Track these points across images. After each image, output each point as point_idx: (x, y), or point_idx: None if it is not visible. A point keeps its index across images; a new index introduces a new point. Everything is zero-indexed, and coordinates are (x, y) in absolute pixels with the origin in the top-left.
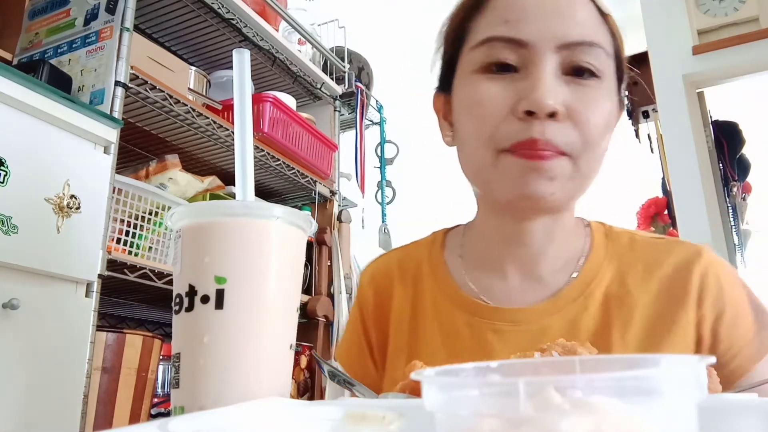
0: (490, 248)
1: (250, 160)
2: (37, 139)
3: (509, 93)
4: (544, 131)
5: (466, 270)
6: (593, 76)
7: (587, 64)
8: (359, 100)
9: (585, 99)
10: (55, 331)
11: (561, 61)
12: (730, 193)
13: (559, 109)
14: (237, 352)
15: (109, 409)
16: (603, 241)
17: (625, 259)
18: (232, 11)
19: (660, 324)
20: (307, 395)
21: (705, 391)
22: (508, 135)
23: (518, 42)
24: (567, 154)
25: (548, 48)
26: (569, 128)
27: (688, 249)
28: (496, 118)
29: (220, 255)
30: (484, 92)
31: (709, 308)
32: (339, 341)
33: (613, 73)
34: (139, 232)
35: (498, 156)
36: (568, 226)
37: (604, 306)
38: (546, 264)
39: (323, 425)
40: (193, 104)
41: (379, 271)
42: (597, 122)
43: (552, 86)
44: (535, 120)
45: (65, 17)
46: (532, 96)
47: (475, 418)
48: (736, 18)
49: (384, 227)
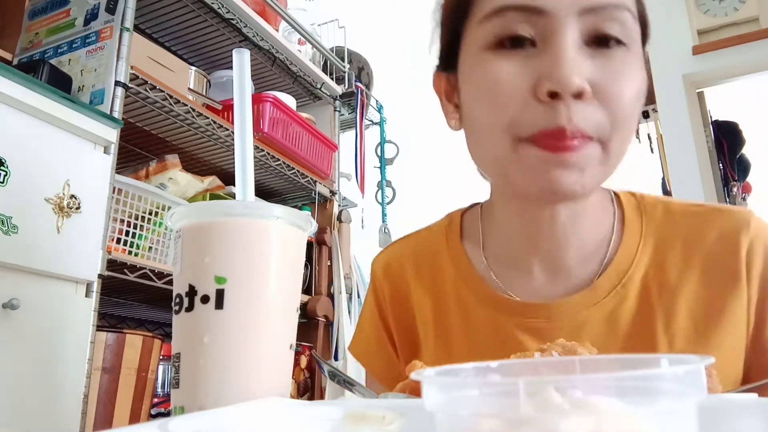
0: (512, 242)
1: (250, 160)
2: (37, 139)
3: (528, 71)
4: (571, 117)
5: (488, 262)
6: (620, 44)
7: (614, 31)
8: (359, 100)
9: (613, 72)
10: (55, 331)
11: (584, 29)
12: (730, 193)
13: (586, 87)
14: (237, 352)
15: (109, 409)
16: (635, 216)
17: (661, 235)
18: (232, 11)
19: (709, 310)
20: (307, 395)
21: (705, 391)
22: (530, 122)
23: (535, 10)
24: (596, 138)
25: (569, 14)
26: (597, 108)
27: (733, 217)
28: (515, 103)
29: (220, 255)
30: (498, 72)
31: (755, 286)
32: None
33: (640, 38)
34: (139, 232)
35: (518, 145)
36: (593, 204)
37: (643, 294)
38: (573, 250)
39: (323, 425)
40: (193, 104)
41: (393, 262)
42: (628, 98)
43: (577, 60)
44: (560, 102)
45: (65, 17)
46: (556, 74)
47: (475, 418)
48: (736, 18)
49: (384, 227)
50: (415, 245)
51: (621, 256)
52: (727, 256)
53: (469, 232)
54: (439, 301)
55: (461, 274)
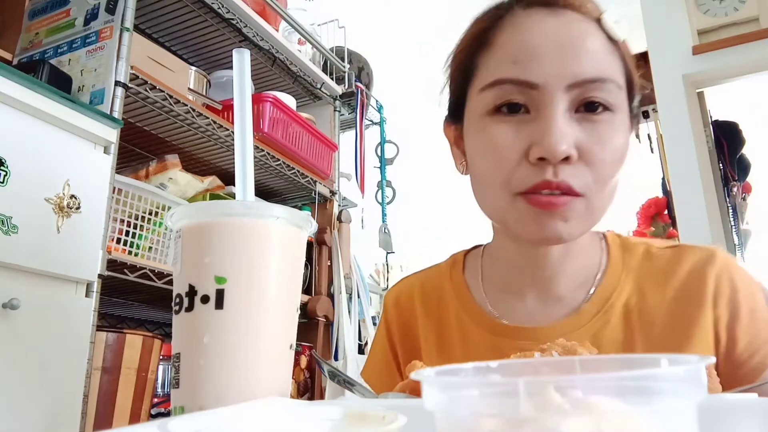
0: (508, 272)
1: (250, 160)
2: (37, 139)
3: (522, 136)
4: (557, 174)
5: (486, 293)
6: (606, 110)
7: (600, 99)
8: (359, 100)
9: (598, 136)
10: (55, 331)
11: (572, 99)
12: (730, 193)
13: (572, 153)
14: (237, 352)
15: (109, 409)
16: (619, 253)
17: (642, 270)
18: (232, 11)
19: (680, 330)
20: (307, 395)
21: (705, 391)
22: (523, 179)
23: (528, 84)
24: (581, 194)
25: (559, 88)
26: (583, 169)
27: (701, 252)
28: (511, 163)
29: (220, 255)
30: (497, 137)
31: (724, 308)
32: (366, 363)
33: (626, 102)
34: (139, 232)
35: (514, 199)
36: (583, 243)
37: (625, 319)
38: (563, 282)
39: (323, 425)
40: (193, 104)
41: (403, 293)
42: (611, 159)
43: (563, 130)
44: (549, 164)
45: (65, 17)
46: (544, 142)
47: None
48: (736, 18)
49: (384, 227)
50: (422, 281)
51: (605, 285)
52: (696, 284)
53: (471, 268)
54: (443, 328)
55: (462, 304)
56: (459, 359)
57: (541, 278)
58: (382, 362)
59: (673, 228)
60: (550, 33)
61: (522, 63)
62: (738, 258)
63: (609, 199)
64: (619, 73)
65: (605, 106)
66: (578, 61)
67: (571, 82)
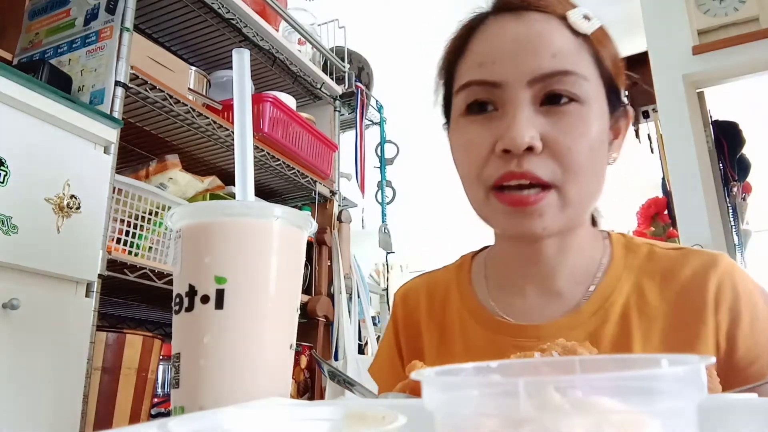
0: (508, 269)
1: (250, 160)
2: (37, 139)
3: (489, 133)
4: (521, 164)
5: (489, 290)
6: (573, 101)
7: (562, 91)
8: (359, 100)
9: (564, 126)
10: (55, 331)
11: (536, 94)
12: (730, 193)
13: (535, 143)
14: (237, 352)
15: (109, 409)
16: (622, 252)
17: (643, 270)
18: (232, 11)
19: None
20: (307, 395)
21: (705, 391)
22: (491, 173)
23: (491, 83)
24: (551, 185)
25: (520, 85)
26: (549, 160)
27: (704, 257)
28: (481, 159)
29: (220, 255)
30: (468, 134)
31: (725, 315)
32: (374, 359)
33: (601, 93)
34: (139, 232)
35: (488, 195)
36: (582, 239)
37: (623, 318)
38: (562, 277)
39: (323, 425)
40: (193, 104)
41: (410, 292)
42: (579, 148)
43: (526, 123)
44: (513, 157)
45: (65, 17)
46: (507, 135)
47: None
48: (736, 18)
49: (384, 227)
50: (429, 282)
51: (605, 284)
52: (697, 290)
53: (476, 268)
54: (446, 328)
55: (465, 303)
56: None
57: (539, 274)
58: (388, 359)
59: (673, 228)
60: (511, 35)
61: (485, 65)
62: (738, 258)
63: (588, 191)
64: (586, 65)
65: (571, 98)
66: (537, 57)
67: (531, 77)
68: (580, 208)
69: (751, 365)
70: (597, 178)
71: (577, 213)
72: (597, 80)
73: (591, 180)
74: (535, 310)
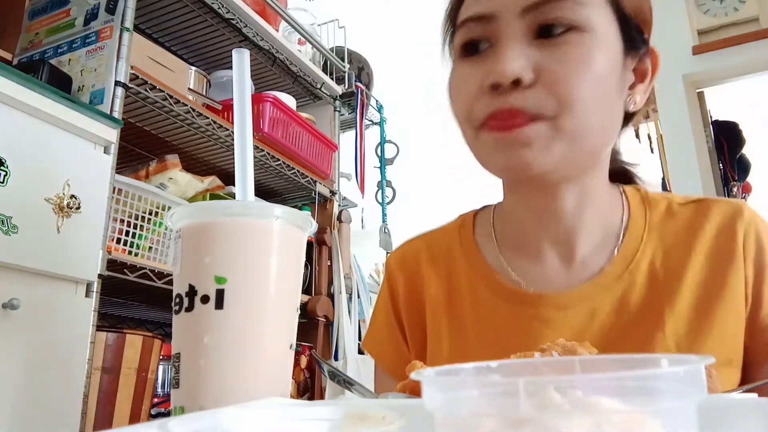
0: (522, 227)
1: (250, 160)
2: (37, 139)
3: (480, 71)
4: (509, 100)
5: (501, 251)
6: (572, 30)
7: (559, 18)
8: (359, 100)
9: (559, 55)
10: (55, 331)
11: (529, 25)
12: (730, 193)
13: (523, 75)
14: (237, 352)
15: (109, 409)
16: (640, 209)
17: (666, 227)
18: (232, 11)
19: (711, 289)
20: (307, 395)
21: (705, 391)
22: (480, 111)
23: (485, 17)
24: (541, 117)
25: (512, 15)
26: (541, 91)
27: (728, 207)
28: (470, 98)
29: (220, 255)
30: (460, 75)
31: (750, 268)
32: (367, 332)
33: (611, 23)
34: (139, 232)
35: (477, 133)
36: (600, 194)
37: (650, 279)
38: (583, 238)
39: (323, 425)
40: (193, 104)
41: (408, 256)
42: (576, 78)
43: (515, 54)
44: (502, 93)
45: (65, 17)
46: (494, 68)
47: (475, 418)
48: (736, 18)
49: (384, 227)
50: (429, 241)
51: (627, 244)
52: (726, 242)
53: (482, 229)
54: (453, 295)
55: (475, 268)
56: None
57: (557, 232)
58: (384, 329)
59: None
60: None
61: (481, 1)
62: None
63: (588, 125)
64: None
65: (569, 26)
66: None
67: (524, 6)
68: (579, 145)
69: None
70: (601, 113)
71: (576, 150)
72: (605, 8)
73: (592, 114)
74: (555, 277)
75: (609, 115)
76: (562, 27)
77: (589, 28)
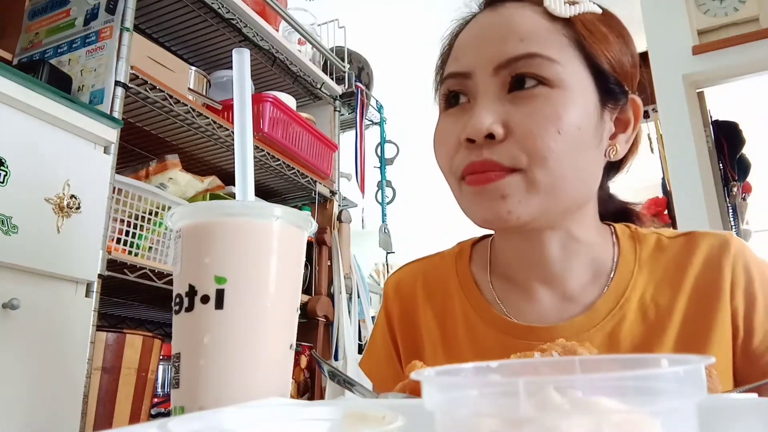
0: (512, 268)
1: (250, 160)
2: (37, 139)
3: (458, 126)
4: (482, 153)
5: (494, 285)
6: (542, 84)
7: (528, 73)
8: (359, 100)
9: (530, 111)
10: (55, 331)
11: (502, 81)
12: (730, 193)
13: (495, 129)
14: (237, 352)
15: (109, 409)
16: (630, 245)
17: (655, 261)
18: (232, 11)
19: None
20: (307, 395)
21: (705, 391)
22: (459, 164)
23: (461, 74)
24: (515, 169)
25: (486, 73)
26: (513, 145)
27: (715, 240)
28: (451, 150)
29: (220, 255)
30: (441, 128)
31: (740, 299)
32: (364, 353)
33: (583, 78)
34: (139, 232)
35: (459, 184)
36: (587, 237)
37: (641, 313)
38: (572, 279)
39: (323, 425)
40: (193, 104)
41: (404, 281)
42: (545, 132)
43: (487, 111)
44: (477, 146)
45: (65, 17)
46: (470, 124)
47: (475, 418)
48: (736, 18)
49: (384, 227)
50: (425, 269)
51: (618, 280)
52: (713, 276)
53: (478, 259)
54: (447, 324)
55: (469, 299)
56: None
57: (545, 274)
58: (382, 352)
59: (673, 228)
60: (483, 27)
61: (458, 58)
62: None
63: (562, 177)
64: (559, 48)
65: (539, 81)
66: (503, 43)
67: (497, 63)
68: (555, 196)
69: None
70: (575, 165)
71: (553, 201)
72: (578, 65)
73: (563, 167)
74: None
75: (584, 167)
76: (533, 81)
77: (559, 83)
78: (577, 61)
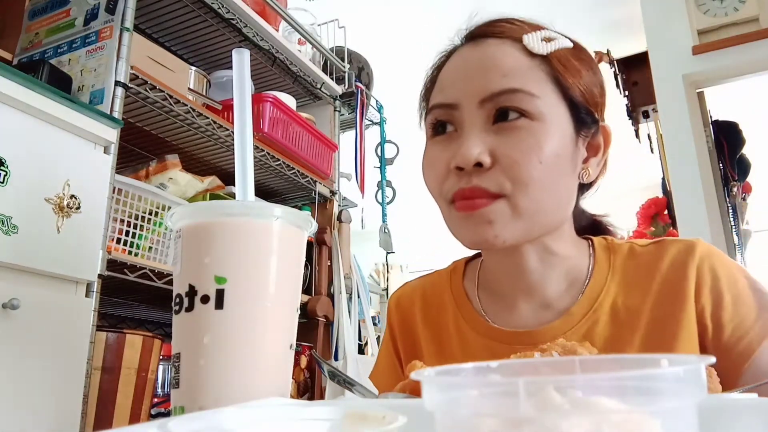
0: (497, 282)
1: (250, 160)
2: (37, 139)
3: (447, 153)
4: (471, 180)
5: (482, 301)
6: (524, 117)
7: (511, 107)
8: (359, 100)
9: (513, 141)
10: (55, 331)
11: (488, 113)
12: (730, 193)
13: (483, 158)
14: (237, 352)
15: (109, 409)
16: (605, 255)
17: (627, 268)
18: (232, 11)
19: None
20: (307, 395)
21: (705, 391)
22: (449, 189)
23: (448, 105)
24: (502, 195)
25: (472, 105)
26: (498, 173)
27: (681, 245)
28: (441, 176)
29: (220, 255)
30: (431, 155)
31: (707, 298)
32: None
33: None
34: (139, 232)
35: (449, 208)
36: (563, 249)
37: (613, 316)
38: (550, 290)
39: (323, 425)
40: (193, 104)
41: (404, 298)
42: (528, 161)
43: (476, 140)
44: (465, 173)
45: (65, 17)
46: (458, 153)
47: (475, 418)
48: (736, 18)
49: (384, 227)
50: (424, 285)
51: (592, 286)
52: (678, 279)
53: (470, 276)
54: (442, 336)
55: (461, 311)
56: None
57: (526, 286)
58: (389, 366)
59: (673, 228)
60: (468, 61)
61: (444, 90)
62: (738, 258)
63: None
64: (538, 83)
65: (521, 114)
66: (487, 78)
67: (482, 97)
68: (537, 219)
69: (739, 342)
70: (554, 190)
71: (535, 224)
72: (555, 98)
73: (544, 193)
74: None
75: (562, 191)
76: (516, 114)
77: (539, 116)
78: (554, 95)
